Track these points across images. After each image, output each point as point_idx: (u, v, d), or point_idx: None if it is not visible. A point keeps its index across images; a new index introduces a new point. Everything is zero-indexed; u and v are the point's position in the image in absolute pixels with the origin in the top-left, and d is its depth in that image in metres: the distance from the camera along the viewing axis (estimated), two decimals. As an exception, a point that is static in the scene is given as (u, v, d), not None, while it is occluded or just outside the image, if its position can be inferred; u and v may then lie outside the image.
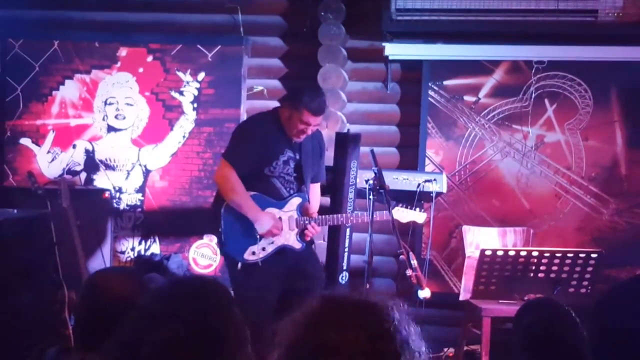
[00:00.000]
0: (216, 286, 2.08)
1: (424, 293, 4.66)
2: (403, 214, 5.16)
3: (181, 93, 6.83)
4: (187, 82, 6.82)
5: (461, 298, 5.51)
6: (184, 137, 6.83)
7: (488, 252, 5.17)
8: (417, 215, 5.21)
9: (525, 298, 5.10)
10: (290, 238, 4.98)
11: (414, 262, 4.69)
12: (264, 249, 4.93)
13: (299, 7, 6.68)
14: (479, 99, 6.44)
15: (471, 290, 5.33)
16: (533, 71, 6.33)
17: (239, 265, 4.88)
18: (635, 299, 2.02)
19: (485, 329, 5.25)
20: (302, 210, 5.01)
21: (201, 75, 6.80)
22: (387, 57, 6.45)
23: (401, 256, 4.74)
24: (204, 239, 6.70)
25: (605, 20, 6.09)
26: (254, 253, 4.91)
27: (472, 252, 5.67)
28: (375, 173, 4.79)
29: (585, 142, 6.30)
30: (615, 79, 6.23)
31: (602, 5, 6.08)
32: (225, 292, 2.08)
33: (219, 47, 6.75)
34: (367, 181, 4.94)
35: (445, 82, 6.46)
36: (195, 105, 6.81)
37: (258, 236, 4.88)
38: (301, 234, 4.99)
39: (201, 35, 6.84)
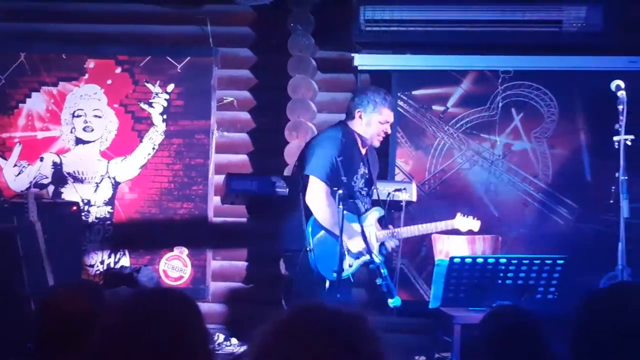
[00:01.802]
0: (182, 299, 2.11)
1: (395, 302, 4.77)
2: (463, 223, 5.36)
3: (150, 105, 6.92)
4: (157, 94, 6.91)
5: (431, 306, 5.53)
6: (153, 148, 6.91)
7: (457, 260, 5.25)
8: (474, 224, 5.41)
9: (494, 305, 5.26)
10: (373, 252, 5.11)
11: (385, 271, 4.82)
12: (350, 265, 5.06)
13: (268, 18, 6.82)
14: (447, 108, 6.64)
15: (441, 298, 5.37)
16: (500, 81, 6.56)
17: (327, 282, 4.94)
18: (615, 306, 2.18)
19: (455, 337, 5.29)
20: (381, 223, 5.18)
21: (170, 87, 6.90)
22: (356, 67, 6.63)
23: (372, 265, 4.91)
24: (174, 251, 6.83)
25: (569, 30, 6.34)
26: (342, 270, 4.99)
27: (441, 260, 5.72)
28: (345, 182, 4.88)
29: (551, 150, 6.53)
30: (580, 88, 6.48)
31: (566, 16, 6.33)
32: (192, 305, 2.11)
33: (189, 58, 6.87)
34: (336, 191, 4.96)
35: (414, 92, 6.65)
36: (165, 116, 6.90)
37: (346, 252, 4.96)
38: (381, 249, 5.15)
39: (170, 47, 6.96)
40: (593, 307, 2.23)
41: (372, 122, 5.09)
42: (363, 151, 5.21)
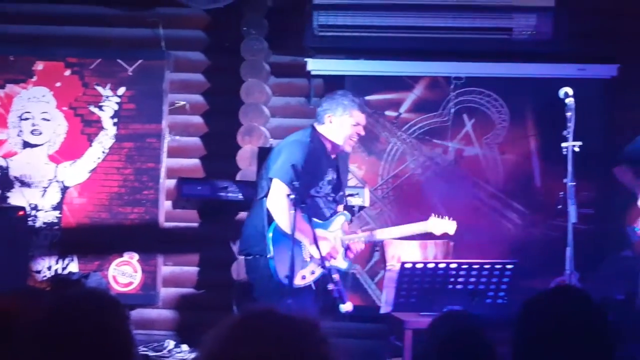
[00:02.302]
0: (106, 301, 2.13)
1: (346, 307, 4.83)
2: (437, 225, 5.41)
3: (100, 108, 6.90)
4: (107, 97, 6.89)
5: (382, 311, 5.65)
6: (103, 152, 6.88)
7: (408, 265, 5.33)
8: (449, 225, 5.48)
9: (445, 310, 5.37)
10: (338, 259, 5.17)
11: (336, 276, 4.90)
12: (312, 272, 5.07)
13: (221, 21, 6.86)
14: (400, 114, 6.76)
15: (392, 303, 5.45)
16: (452, 87, 6.70)
17: (289, 291, 4.89)
18: (553, 309, 2.27)
19: (407, 342, 5.35)
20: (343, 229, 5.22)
21: (121, 90, 6.89)
22: (309, 72, 6.71)
23: (323, 270, 4.97)
24: (124, 257, 6.82)
25: (519, 38, 6.48)
26: (304, 277, 5.04)
27: (392, 265, 5.84)
28: (296, 188, 4.92)
29: (502, 156, 6.68)
30: (530, 94, 6.65)
31: (516, 24, 6.47)
32: (118, 308, 2.12)
33: (140, 61, 6.87)
34: (288, 196, 5.00)
35: (367, 97, 6.64)
36: (116, 120, 6.88)
37: (308, 259, 5.03)
38: (347, 254, 5.21)
39: (121, 49, 6.96)
40: (531, 310, 2.30)
41: (343, 125, 5.16)
42: (333, 156, 5.26)
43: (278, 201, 5.03)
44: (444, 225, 5.44)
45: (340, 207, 5.48)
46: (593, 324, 2.27)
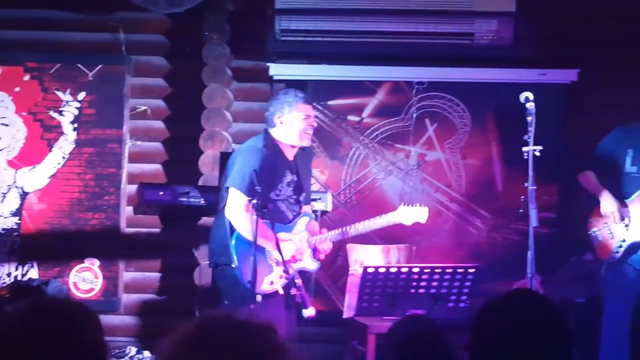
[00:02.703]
0: (78, 310, 2.11)
1: (309, 312, 4.80)
2: (407, 214, 5.37)
3: (60, 113, 6.84)
4: (67, 102, 6.83)
5: (345, 316, 5.67)
6: (63, 158, 6.82)
7: (370, 270, 5.32)
8: (419, 213, 5.43)
9: (407, 314, 5.38)
10: (305, 260, 5.16)
11: (299, 281, 4.88)
12: (281, 277, 5.04)
13: (182, 26, 6.82)
14: (362, 118, 6.77)
15: (355, 308, 5.44)
16: (414, 92, 6.71)
17: (259, 297, 4.87)
18: (509, 312, 2.29)
19: (370, 346, 5.42)
20: (309, 229, 5.20)
21: (82, 95, 6.83)
22: (272, 77, 6.70)
23: (286, 275, 4.95)
24: (85, 263, 6.76)
25: (480, 43, 6.54)
26: (271, 283, 5.03)
27: (355, 270, 5.84)
28: (259, 192, 4.88)
29: (464, 160, 6.72)
30: (491, 99, 6.68)
31: (478, 29, 6.52)
32: (89, 317, 2.10)
33: (101, 66, 6.82)
34: (250, 201, 4.98)
35: (330, 102, 6.75)
36: (76, 125, 6.82)
37: (273, 264, 5.02)
38: (314, 254, 5.19)
39: (82, 54, 6.90)
40: (487, 315, 2.32)
41: (294, 122, 5.16)
42: (290, 157, 5.25)
43: (235, 210, 5.04)
44: (414, 213, 5.43)
45: (308, 208, 5.47)
46: (550, 327, 2.28)
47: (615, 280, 5.63)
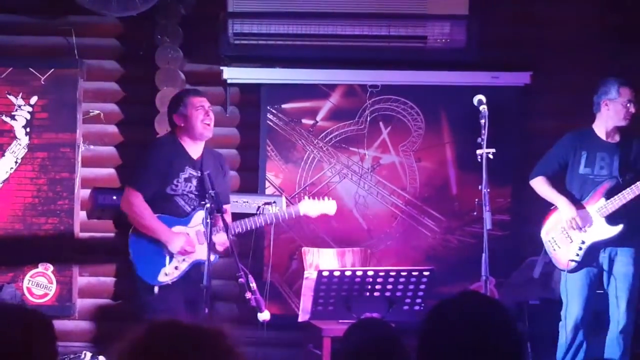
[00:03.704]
0: (28, 316, 2.06)
1: (264, 316, 4.72)
2: (313, 206, 5.27)
3: (13, 117, 6.66)
4: (19, 106, 6.65)
5: (300, 319, 5.57)
6: (16, 162, 6.65)
7: (325, 273, 5.26)
8: (328, 206, 5.34)
9: (362, 317, 5.23)
10: (201, 253, 5.02)
11: (253, 285, 4.74)
12: (176, 268, 5.02)
13: (134, 30, 6.66)
14: (317, 122, 6.62)
15: (310, 311, 5.39)
16: (368, 95, 6.56)
17: (156, 289, 4.94)
18: (459, 313, 2.17)
19: (325, 349, 5.33)
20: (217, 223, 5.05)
21: (34, 99, 6.65)
22: (225, 80, 6.55)
23: (240, 279, 4.76)
24: (39, 268, 6.59)
25: (433, 46, 6.39)
26: (167, 274, 4.99)
27: (309, 274, 5.76)
28: (212, 196, 4.83)
29: (418, 163, 6.56)
30: (445, 102, 6.53)
31: (431, 32, 6.37)
32: (40, 323, 2.05)
33: (53, 70, 6.64)
34: (204, 204, 4.97)
35: (284, 106, 6.60)
36: (28, 129, 6.65)
37: (168, 257, 4.96)
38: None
39: (33, 58, 6.73)
40: (434, 316, 2.21)
41: (188, 115, 5.11)
42: (195, 155, 5.17)
43: (127, 203, 5.12)
44: (320, 206, 5.36)
45: (227, 207, 5.28)
46: (498, 329, 2.16)
47: (576, 283, 5.48)
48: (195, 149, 5.17)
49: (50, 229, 6.64)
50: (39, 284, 6.60)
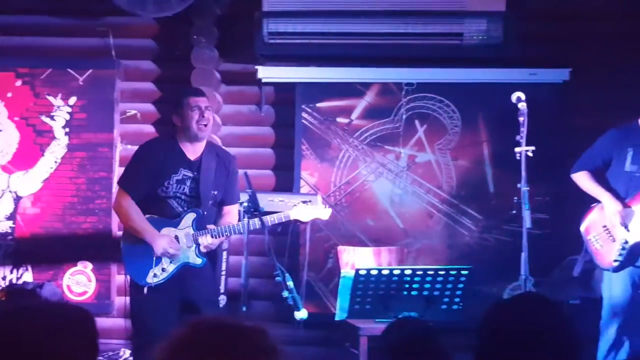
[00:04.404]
0: (72, 313, 2.03)
1: (301, 314, 4.64)
2: (304, 212, 5.09)
3: (52, 118, 6.62)
4: (58, 107, 6.61)
5: (337, 318, 5.44)
6: (55, 162, 6.61)
7: (362, 272, 5.11)
8: (320, 212, 5.15)
9: (400, 316, 5.11)
10: (189, 255, 4.92)
11: (290, 284, 4.65)
12: (163, 269, 4.90)
13: (171, 30, 6.60)
14: (352, 120, 6.47)
15: (347, 310, 5.27)
16: (403, 93, 6.40)
17: (145, 289, 4.84)
18: (516, 316, 2.16)
19: (362, 348, 5.22)
20: (200, 225, 4.94)
21: (73, 100, 6.60)
22: (260, 80, 6.45)
23: (277, 278, 4.69)
24: (78, 266, 6.55)
25: (470, 43, 6.20)
26: (155, 275, 4.88)
27: (346, 272, 5.61)
28: (249, 195, 4.75)
29: (454, 161, 6.39)
30: (482, 100, 6.34)
31: (467, 29, 6.18)
32: (85, 319, 2.02)
33: (91, 70, 6.59)
34: (241, 203, 4.91)
35: (318, 104, 6.47)
36: (67, 129, 6.61)
37: (155, 258, 4.85)
38: (200, 250, 4.95)
39: (72, 59, 6.67)
40: (496, 317, 2.21)
41: (184, 116, 4.95)
42: (192, 155, 5.00)
43: (117, 204, 5.05)
44: (313, 211, 5.14)
45: (232, 208, 5.15)
46: (558, 332, 2.16)
47: (618, 282, 5.26)
48: (192, 150, 5.00)
49: (89, 227, 6.60)
50: (78, 282, 6.57)
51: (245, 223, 4.79)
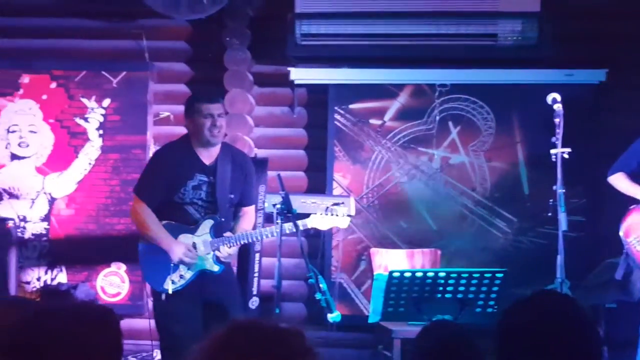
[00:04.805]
0: (97, 313, 2.03)
1: (334, 317, 4.60)
2: (322, 221, 5.02)
3: (86, 120, 6.65)
4: (92, 109, 6.65)
5: (370, 320, 5.42)
6: (89, 164, 6.65)
7: (396, 274, 5.07)
8: (339, 221, 5.07)
9: (434, 319, 5.05)
10: (207, 262, 4.88)
11: (323, 286, 4.62)
12: (181, 276, 4.85)
13: (204, 32, 6.60)
14: (385, 122, 6.43)
15: (380, 313, 5.23)
16: (436, 94, 6.36)
17: (163, 296, 4.80)
18: (536, 306, 2.12)
19: (396, 351, 5.15)
20: (217, 232, 4.89)
21: (106, 102, 6.63)
22: (292, 81, 6.44)
23: (310, 280, 4.67)
24: (111, 267, 6.57)
25: (504, 44, 6.13)
26: (173, 282, 4.83)
27: (380, 273, 5.62)
28: (282, 197, 4.73)
29: (488, 163, 6.34)
30: (516, 101, 6.30)
31: (502, 29, 6.12)
32: (108, 318, 2.01)
33: (124, 73, 6.62)
34: (274, 205, 4.84)
35: (351, 106, 6.44)
36: (101, 131, 6.64)
37: (172, 265, 4.81)
38: (218, 257, 4.90)
39: (106, 61, 6.71)
40: (513, 315, 2.18)
41: (196, 123, 4.85)
42: (207, 160, 4.91)
43: (133, 212, 4.99)
44: (331, 221, 5.05)
45: (248, 210, 5.10)
46: (578, 328, 2.11)
47: None
48: (207, 154, 4.90)
49: (123, 229, 6.60)
50: (112, 283, 6.59)
51: (262, 232, 4.86)
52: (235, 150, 5.14)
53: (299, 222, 4.88)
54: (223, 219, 4.90)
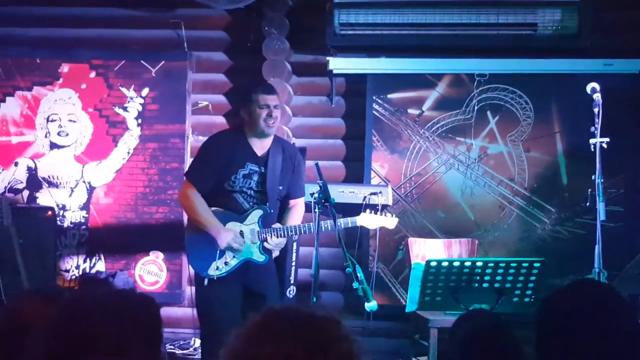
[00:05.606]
0: (139, 301, 2.09)
1: (371, 306, 4.56)
2: (371, 220, 5.11)
3: (125, 109, 6.78)
4: (131, 98, 6.77)
5: (407, 310, 5.41)
6: (128, 153, 6.78)
7: (433, 263, 5.09)
8: (387, 221, 5.16)
9: (470, 308, 5.12)
10: (253, 251, 4.98)
11: (361, 275, 4.60)
12: (226, 263, 4.93)
13: (242, 22, 6.68)
14: (423, 111, 6.50)
15: (417, 302, 5.24)
16: (475, 84, 6.42)
17: (206, 281, 4.86)
18: (575, 294, 2.17)
19: (432, 340, 5.19)
20: (265, 222, 4.99)
21: (145, 91, 6.76)
22: (331, 71, 6.50)
23: (348, 269, 4.63)
24: (150, 256, 6.70)
25: (544, 33, 6.18)
26: (217, 268, 4.91)
27: (417, 262, 5.61)
28: (320, 186, 4.70)
29: (527, 153, 6.39)
30: (555, 91, 6.34)
31: (541, 19, 6.17)
32: (148, 307, 2.08)
33: (163, 62, 6.73)
34: (312, 194, 4.79)
35: (389, 96, 6.50)
36: (140, 121, 6.76)
37: (218, 251, 4.89)
38: (264, 247, 4.99)
39: (145, 51, 6.81)
40: (551, 304, 2.21)
41: (252, 113, 4.93)
42: (259, 150, 5.01)
43: (182, 196, 5.05)
44: (379, 220, 5.15)
45: (297, 202, 5.19)
46: (617, 316, 2.15)
47: None
48: (260, 145, 5.00)
49: (161, 218, 6.74)
50: (150, 272, 6.71)
51: (316, 225, 4.76)
52: (285, 143, 5.22)
53: (348, 220, 4.99)
54: (272, 210, 4.99)
